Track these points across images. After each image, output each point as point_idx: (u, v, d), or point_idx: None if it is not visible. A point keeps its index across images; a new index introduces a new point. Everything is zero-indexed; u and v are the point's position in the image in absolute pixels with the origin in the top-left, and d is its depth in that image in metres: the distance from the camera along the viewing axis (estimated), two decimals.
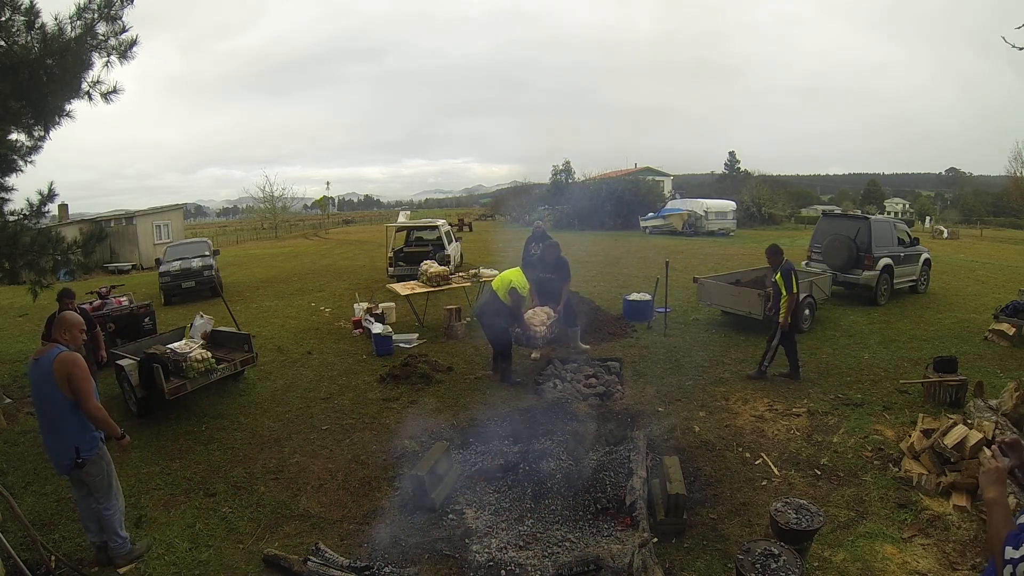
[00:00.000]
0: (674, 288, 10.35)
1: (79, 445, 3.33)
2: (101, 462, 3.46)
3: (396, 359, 7.38)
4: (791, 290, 6.22)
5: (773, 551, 2.99)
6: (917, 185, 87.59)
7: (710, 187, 55.10)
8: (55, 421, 3.34)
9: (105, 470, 3.49)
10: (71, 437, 3.32)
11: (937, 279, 12.59)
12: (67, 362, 3.24)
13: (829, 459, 4.65)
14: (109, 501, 3.54)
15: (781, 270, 6.30)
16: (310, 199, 62.64)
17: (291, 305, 11.82)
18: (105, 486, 3.51)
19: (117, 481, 3.63)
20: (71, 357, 3.28)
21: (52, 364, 3.24)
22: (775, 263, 6.44)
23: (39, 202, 5.72)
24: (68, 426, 3.32)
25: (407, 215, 22.26)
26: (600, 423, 5.29)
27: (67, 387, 3.23)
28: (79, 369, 3.25)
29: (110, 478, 3.54)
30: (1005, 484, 1.83)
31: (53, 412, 3.32)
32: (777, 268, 6.38)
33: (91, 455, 3.39)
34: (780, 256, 6.42)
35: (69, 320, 3.48)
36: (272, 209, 43.88)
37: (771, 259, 6.51)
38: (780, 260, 6.39)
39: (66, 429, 3.32)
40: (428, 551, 3.65)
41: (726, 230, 28.61)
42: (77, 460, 3.33)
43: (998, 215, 47.80)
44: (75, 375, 3.23)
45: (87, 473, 3.41)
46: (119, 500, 3.63)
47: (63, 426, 3.32)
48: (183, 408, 6.04)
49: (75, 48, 5.21)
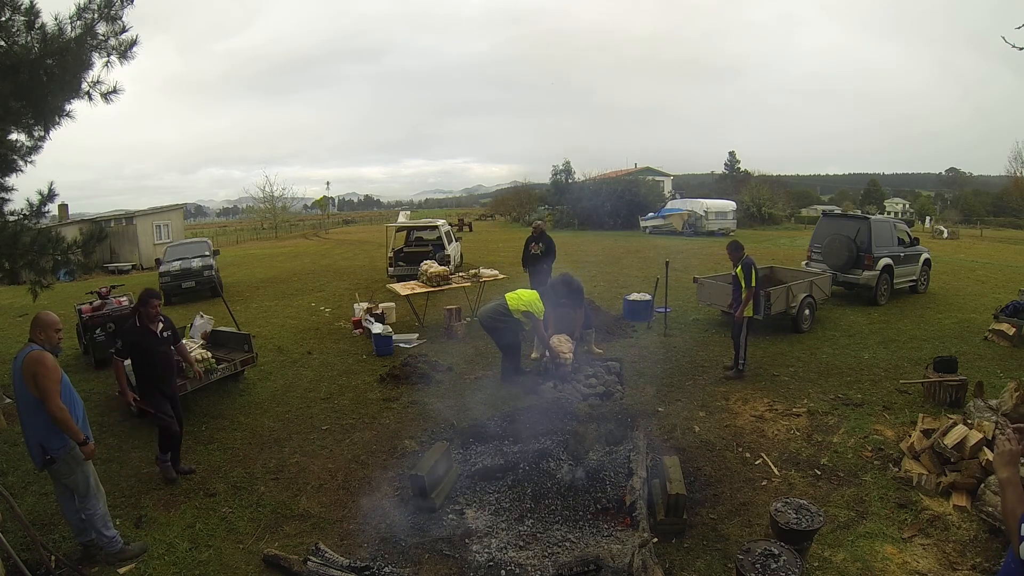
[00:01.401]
0: (674, 288, 10.35)
1: (43, 443, 3.36)
2: (72, 462, 3.44)
3: (396, 359, 7.38)
4: (750, 283, 6.44)
5: (773, 551, 2.99)
6: (917, 185, 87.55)
7: (710, 187, 55.06)
8: (24, 417, 3.39)
9: (78, 470, 3.47)
10: (36, 434, 3.36)
11: (937, 279, 12.59)
12: (33, 361, 3.28)
13: (829, 459, 4.65)
14: (88, 501, 3.53)
15: (742, 264, 6.50)
16: (310, 199, 62.71)
17: (291, 305, 11.82)
18: (83, 486, 3.50)
19: (97, 481, 3.61)
20: (38, 356, 3.31)
21: (22, 362, 3.30)
22: (736, 257, 6.60)
23: (39, 202, 5.72)
24: (34, 423, 3.35)
25: (407, 215, 22.28)
26: (600, 423, 5.29)
27: (33, 386, 3.26)
28: (44, 368, 3.27)
29: (87, 478, 3.52)
30: (1018, 465, 1.88)
31: (23, 409, 3.38)
32: (738, 262, 6.55)
33: (59, 453, 3.39)
34: (741, 251, 6.61)
35: (43, 320, 3.48)
36: (272, 209, 43.89)
37: (732, 254, 6.67)
38: (741, 255, 6.57)
39: (32, 426, 3.36)
40: (428, 551, 3.65)
41: (726, 230, 28.61)
42: (46, 457, 3.37)
43: (998, 215, 47.81)
44: (39, 373, 3.25)
45: (58, 471, 3.44)
46: (101, 501, 3.61)
47: (29, 423, 3.37)
48: (183, 408, 6.02)
49: (75, 48, 5.20)
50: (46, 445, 3.36)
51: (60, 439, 3.39)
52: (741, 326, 6.50)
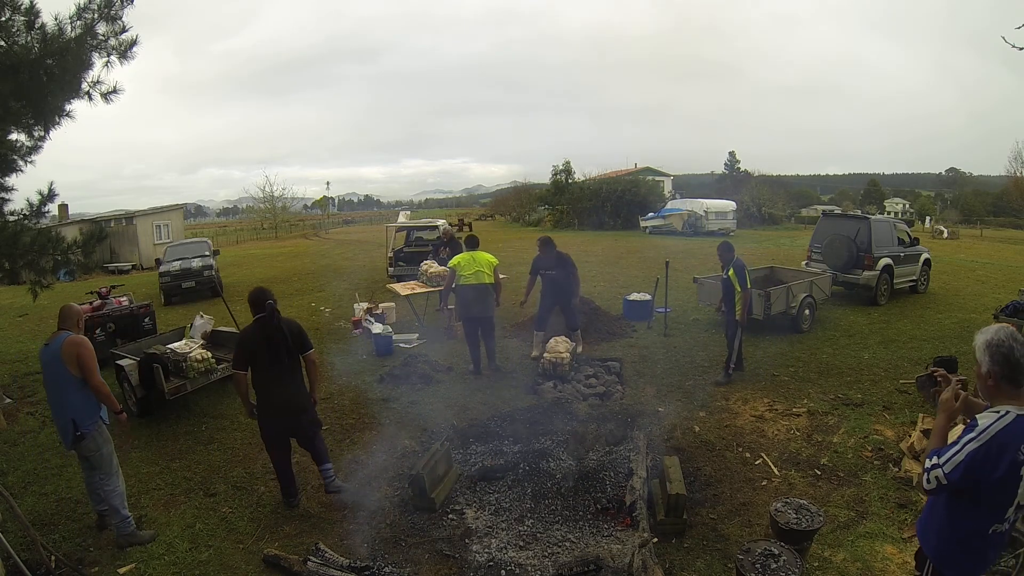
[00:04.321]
0: (674, 288, 10.34)
1: (76, 418, 3.68)
2: (99, 438, 3.78)
3: (396, 359, 7.37)
4: (745, 286, 6.24)
5: (773, 551, 2.99)
6: (917, 185, 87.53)
7: (710, 187, 55.07)
8: (60, 396, 3.72)
9: (104, 448, 3.81)
10: (71, 410, 3.69)
11: (937, 279, 12.59)
12: (75, 343, 3.69)
13: (829, 459, 4.65)
14: (110, 479, 3.83)
15: (734, 266, 6.28)
16: (310, 199, 62.69)
17: (291, 305, 11.82)
18: (106, 463, 3.82)
19: (118, 462, 3.93)
20: (79, 339, 3.74)
21: (62, 345, 3.66)
22: (727, 259, 6.40)
23: (39, 202, 5.71)
24: (70, 401, 3.70)
25: (407, 215, 22.26)
26: (600, 423, 5.30)
27: (74, 365, 3.64)
28: (86, 348, 3.71)
29: (111, 457, 3.85)
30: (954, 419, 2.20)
31: (59, 389, 3.71)
32: (729, 264, 6.35)
33: (89, 430, 3.72)
34: (732, 252, 6.41)
35: (72, 311, 3.93)
36: (272, 209, 43.89)
37: (723, 256, 6.46)
38: (732, 257, 6.38)
39: (68, 403, 3.70)
40: (428, 551, 3.66)
41: (726, 230, 28.57)
42: (76, 433, 3.67)
43: (998, 215, 47.77)
44: (83, 354, 3.67)
45: (86, 447, 3.74)
46: (120, 480, 3.90)
47: (65, 401, 3.70)
48: (183, 408, 6.04)
49: (75, 48, 5.19)
50: (78, 421, 3.68)
51: (91, 417, 3.75)
52: (737, 329, 6.37)
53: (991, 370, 2.02)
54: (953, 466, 1.93)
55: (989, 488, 1.95)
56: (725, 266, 6.44)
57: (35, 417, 6.16)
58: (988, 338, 2.05)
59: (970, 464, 1.91)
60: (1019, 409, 1.97)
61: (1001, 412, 1.98)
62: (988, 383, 2.05)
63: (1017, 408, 1.97)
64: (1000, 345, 2.00)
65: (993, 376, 2.02)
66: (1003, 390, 2.02)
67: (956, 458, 1.94)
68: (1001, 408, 1.99)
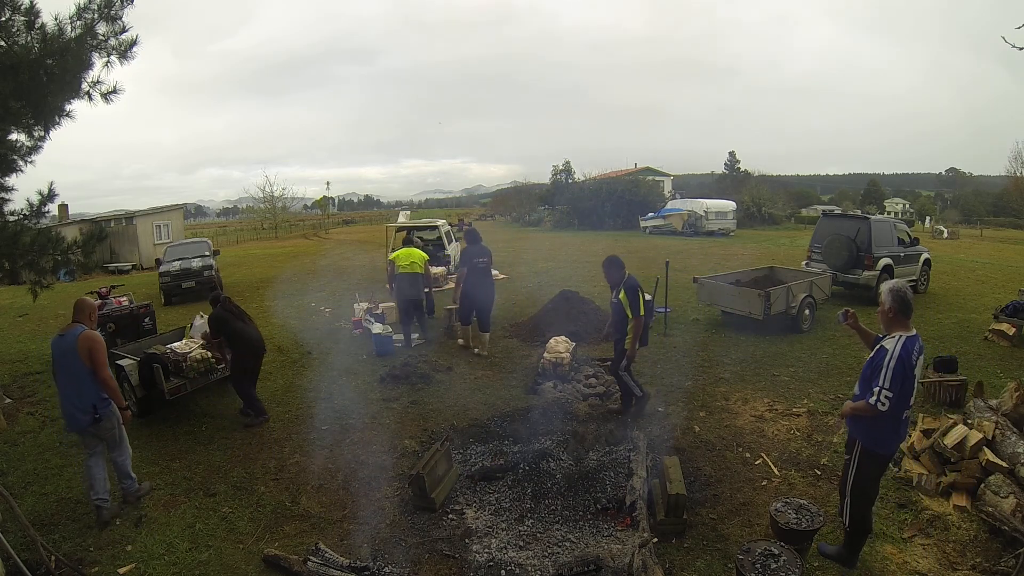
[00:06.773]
0: (674, 288, 10.35)
1: (96, 403, 4.05)
2: (113, 418, 4.17)
3: (396, 359, 7.38)
4: (638, 312, 5.10)
5: (773, 551, 2.99)
6: (917, 185, 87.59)
7: (710, 187, 55.04)
8: (79, 386, 4.03)
9: (117, 425, 4.20)
10: (91, 397, 4.03)
11: (937, 279, 12.59)
12: (89, 338, 4.03)
13: (829, 459, 4.65)
14: (121, 448, 4.27)
15: (625, 287, 5.18)
16: (310, 199, 62.72)
17: (291, 305, 11.81)
18: (118, 438, 4.24)
19: (125, 434, 4.33)
20: (92, 335, 4.09)
21: (76, 339, 3.99)
22: (615, 279, 5.29)
23: (39, 202, 5.72)
24: (89, 389, 4.03)
25: (407, 215, 22.23)
26: (600, 423, 5.29)
27: (88, 358, 3.98)
28: (98, 344, 4.07)
29: (121, 431, 4.26)
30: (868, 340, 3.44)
31: (76, 378, 4.02)
32: (620, 285, 5.24)
33: (106, 412, 4.11)
34: (622, 271, 5.27)
35: (87, 304, 4.25)
36: (272, 209, 43.89)
37: (609, 275, 5.34)
38: (622, 276, 5.26)
39: (87, 391, 4.03)
40: (428, 551, 3.66)
41: (726, 230, 28.61)
42: (96, 416, 4.04)
43: (998, 215, 47.79)
44: (95, 349, 4.02)
45: (103, 428, 4.11)
46: (128, 448, 4.35)
47: (84, 389, 4.03)
48: (183, 408, 6.03)
49: (75, 48, 5.20)
50: (98, 405, 4.05)
51: (107, 402, 4.13)
52: (622, 359, 5.34)
53: (891, 307, 3.06)
54: (890, 382, 2.94)
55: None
56: (614, 287, 5.36)
57: (35, 417, 6.16)
58: (891, 286, 3.12)
59: (895, 377, 2.94)
60: (907, 332, 3.05)
61: (896, 336, 3.05)
62: (888, 316, 3.10)
63: (906, 332, 3.05)
64: (899, 290, 3.07)
65: (892, 310, 3.07)
66: (899, 320, 3.08)
67: (888, 378, 2.94)
68: (895, 334, 3.07)
